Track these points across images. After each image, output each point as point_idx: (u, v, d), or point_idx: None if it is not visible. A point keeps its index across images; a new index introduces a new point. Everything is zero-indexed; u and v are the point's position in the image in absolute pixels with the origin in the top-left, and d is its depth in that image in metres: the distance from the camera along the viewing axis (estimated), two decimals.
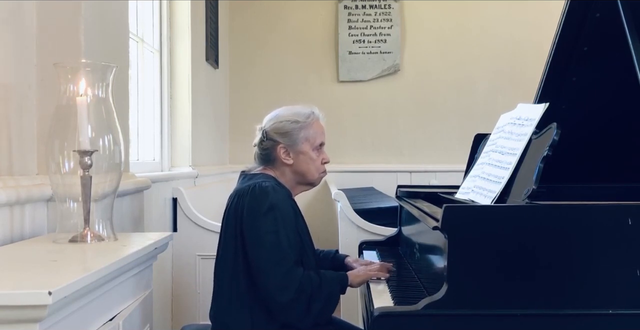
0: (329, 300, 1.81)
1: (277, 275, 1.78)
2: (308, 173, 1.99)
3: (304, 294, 1.77)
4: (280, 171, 1.98)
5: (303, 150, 1.96)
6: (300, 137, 1.96)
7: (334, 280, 1.85)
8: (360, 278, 1.92)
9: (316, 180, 2.02)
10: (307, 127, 1.97)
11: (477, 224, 1.45)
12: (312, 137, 1.97)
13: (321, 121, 2.02)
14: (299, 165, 1.97)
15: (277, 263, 1.79)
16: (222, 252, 1.93)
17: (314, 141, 1.98)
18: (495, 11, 5.12)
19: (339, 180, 4.79)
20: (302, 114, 1.99)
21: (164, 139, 3.68)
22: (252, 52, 5.22)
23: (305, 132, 1.96)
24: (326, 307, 1.81)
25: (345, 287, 1.88)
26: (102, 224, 1.70)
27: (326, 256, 2.17)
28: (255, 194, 1.85)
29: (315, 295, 1.78)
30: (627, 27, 1.78)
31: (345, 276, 1.89)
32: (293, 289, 1.76)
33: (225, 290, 1.89)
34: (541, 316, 1.42)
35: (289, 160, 1.96)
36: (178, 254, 3.19)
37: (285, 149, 1.95)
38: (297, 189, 2.02)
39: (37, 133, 1.86)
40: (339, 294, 1.86)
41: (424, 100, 5.20)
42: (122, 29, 2.37)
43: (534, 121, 1.71)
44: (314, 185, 2.06)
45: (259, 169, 2.00)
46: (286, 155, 1.96)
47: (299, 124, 1.96)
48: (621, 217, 1.42)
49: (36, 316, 1.08)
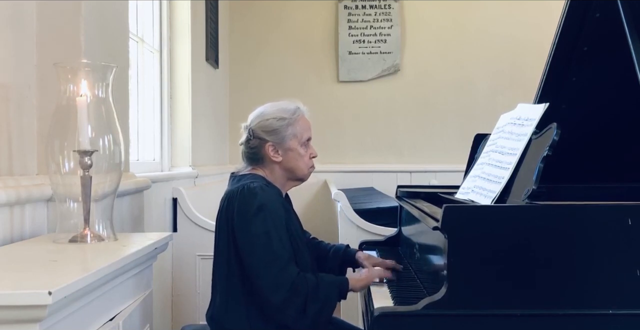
0: (325, 302, 1.78)
1: (269, 276, 1.77)
2: (297, 169, 1.98)
3: (298, 294, 1.75)
4: (269, 169, 1.97)
5: (291, 146, 1.95)
6: (287, 134, 1.95)
7: (333, 284, 1.83)
8: (362, 282, 1.90)
9: (305, 175, 2.01)
10: (294, 124, 1.96)
11: (477, 224, 1.45)
12: (299, 133, 1.97)
13: (306, 116, 2.01)
14: (288, 162, 1.96)
15: (269, 263, 1.78)
16: (216, 254, 1.93)
17: (301, 137, 1.97)
18: (495, 11, 5.12)
19: (339, 180, 4.79)
20: (288, 110, 1.98)
21: (164, 139, 3.68)
22: (252, 52, 5.22)
23: (292, 129, 1.95)
24: (323, 309, 1.78)
25: (346, 292, 1.85)
26: (102, 224, 1.70)
27: (337, 251, 2.16)
28: (244, 195, 1.85)
29: (311, 296, 1.76)
30: (627, 27, 1.78)
31: (346, 281, 1.86)
32: (285, 289, 1.75)
33: (221, 291, 1.89)
34: (541, 316, 1.41)
35: (277, 157, 1.95)
36: (178, 254, 3.19)
37: (273, 147, 1.94)
38: (287, 185, 2.02)
39: (37, 133, 1.86)
40: (337, 298, 1.83)
41: (424, 100, 5.20)
42: (122, 29, 2.37)
43: (534, 121, 1.71)
44: (303, 181, 2.04)
45: (248, 169, 1.99)
46: (275, 152, 1.95)
47: (286, 120, 1.95)
48: (621, 217, 1.42)
49: (36, 316, 1.08)
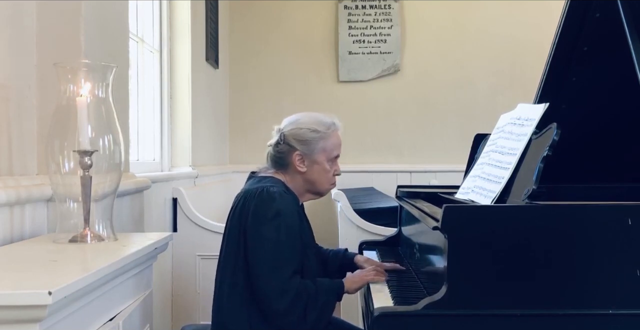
0: (324, 309, 1.80)
1: (276, 282, 1.77)
2: (318, 183, 1.98)
3: (300, 302, 1.76)
4: (290, 176, 1.97)
5: (318, 160, 1.95)
6: (318, 147, 1.94)
7: (331, 290, 1.84)
8: (356, 284, 1.91)
9: (325, 190, 2.02)
10: (326, 138, 1.95)
11: (477, 224, 1.45)
12: (329, 148, 1.96)
13: (340, 132, 2.01)
14: (311, 174, 1.96)
15: (277, 269, 1.78)
16: (224, 252, 1.92)
17: (330, 153, 1.97)
18: (495, 11, 5.12)
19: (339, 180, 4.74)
20: (323, 124, 1.97)
21: (164, 139, 3.68)
22: (252, 52, 5.22)
23: (323, 143, 1.95)
24: (322, 315, 1.80)
25: (342, 295, 1.87)
26: (102, 224, 1.70)
27: (336, 255, 2.17)
28: (262, 198, 1.84)
29: (311, 304, 1.77)
30: (627, 27, 1.78)
31: (342, 284, 1.88)
32: (290, 297, 1.76)
33: (226, 290, 1.89)
34: (541, 316, 1.41)
35: (302, 167, 1.95)
36: (178, 254, 3.20)
37: (300, 157, 1.94)
38: (304, 196, 2.02)
39: (37, 133, 1.86)
40: (335, 303, 1.85)
41: (424, 100, 5.20)
42: (122, 29, 2.37)
43: (534, 121, 1.71)
44: (321, 196, 2.05)
45: (270, 171, 1.99)
46: (301, 162, 1.94)
47: (319, 133, 1.94)
48: (621, 217, 1.42)
49: (36, 316, 1.08)
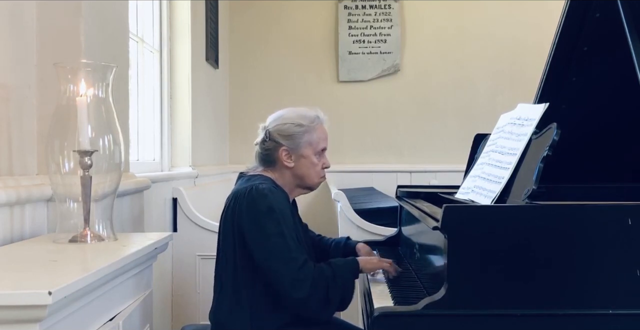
0: (345, 288, 1.82)
1: (290, 274, 1.78)
2: (307, 177, 1.98)
3: (319, 287, 1.78)
4: (279, 173, 1.97)
5: (305, 154, 1.95)
6: (303, 141, 1.95)
7: (347, 269, 1.86)
8: (372, 265, 1.94)
9: (315, 184, 2.02)
10: (311, 131, 1.96)
11: (477, 224, 1.45)
12: (315, 141, 1.96)
13: (325, 125, 2.01)
14: (299, 169, 1.96)
15: (288, 262, 1.78)
16: (221, 253, 1.93)
17: (316, 146, 1.97)
18: (495, 11, 5.12)
19: (339, 180, 4.79)
20: (307, 118, 1.97)
21: (164, 139, 3.68)
22: (252, 52, 5.22)
23: (308, 136, 1.95)
24: (345, 294, 1.82)
25: (358, 273, 1.89)
26: (102, 224, 1.70)
27: (338, 244, 2.19)
28: (252, 196, 1.85)
29: (332, 286, 1.79)
30: (627, 27, 1.78)
31: (356, 261, 1.90)
32: (307, 285, 1.77)
33: (225, 291, 1.89)
34: (541, 316, 1.41)
35: (290, 163, 1.95)
36: (178, 254, 3.19)
37: (287, 152, 1.94)
38: (294, 192, 2.02)
39: (37, 133, 1.86)
40: (354, 280, 1.87)
41: (424, 100, 5.20)
42: (122, 29, 2.37)
43: (534, 121, 1.71)
44: (312, 190, 2.05)
45: (258, 170, 1.99)
46: (287, 157, 1.95)
47: (303, 127, 1.95)
48: (621, 217, 1.42)
49: (36, 316, 1.08)
